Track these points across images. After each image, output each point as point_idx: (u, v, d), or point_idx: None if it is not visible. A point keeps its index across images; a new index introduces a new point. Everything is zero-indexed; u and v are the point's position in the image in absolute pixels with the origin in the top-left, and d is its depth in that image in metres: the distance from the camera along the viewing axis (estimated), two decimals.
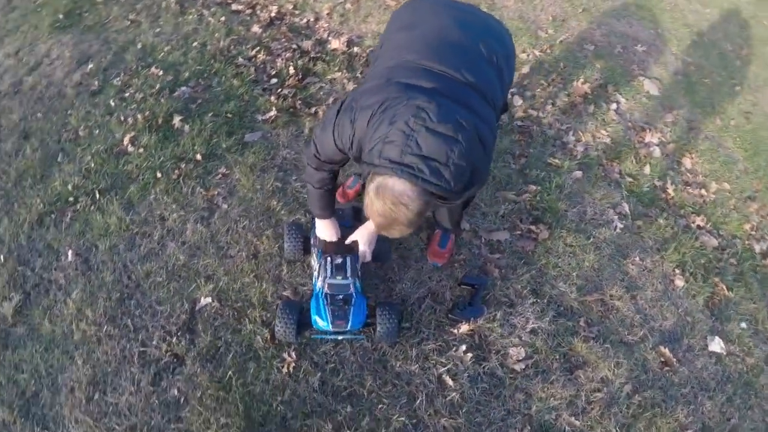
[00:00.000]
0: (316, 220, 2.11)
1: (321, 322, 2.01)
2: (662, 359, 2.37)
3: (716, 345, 2.51)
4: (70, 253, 2.38)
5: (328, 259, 2.09)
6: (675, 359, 2.37)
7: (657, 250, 2.74)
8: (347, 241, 2.12)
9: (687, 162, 3.25)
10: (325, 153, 1.70)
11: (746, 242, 3.02)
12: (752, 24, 4.74)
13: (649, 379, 2.29)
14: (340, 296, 2.03)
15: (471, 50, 1.64)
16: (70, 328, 2.17)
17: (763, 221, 3.22)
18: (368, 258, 2.13)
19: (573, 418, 2.10)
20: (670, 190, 3.04)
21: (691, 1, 4.63)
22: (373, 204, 1.44)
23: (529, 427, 2.05)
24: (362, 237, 2.08)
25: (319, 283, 2.07)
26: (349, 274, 2.08)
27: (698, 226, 2.95)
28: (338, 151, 1.64)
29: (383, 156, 1.37)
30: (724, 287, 2.72)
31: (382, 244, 2.18)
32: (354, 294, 2.03)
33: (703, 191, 3.15)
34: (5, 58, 3.31)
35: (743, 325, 2.64)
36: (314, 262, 2.17)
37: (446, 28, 1.69)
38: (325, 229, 2.11)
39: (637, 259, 2.66)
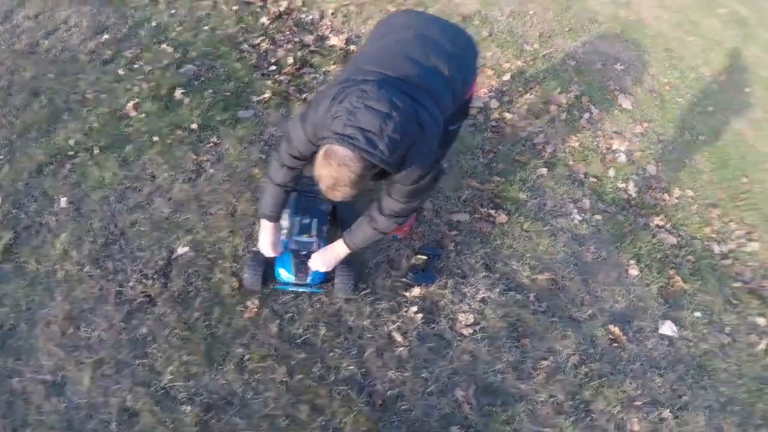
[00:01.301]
0: (261, 222, 2.24)
1: (285, 274, 2.25)
2: (611, 336, 2.54)
3: (667, 328, 2.67)
4: (63, 200, 2.56)
5: (297, 218, 2.35)
6: (624, 337, 2.55)
7: (613, 242, 2.93)
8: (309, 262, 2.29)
9: (652, 169, 3.45)
10: (295, 145, 1.92)
11: (705, 243, 3.19)
12: (734, 54, 4.97)
13: (597, 353, 2.46)
14: (304, 252, 2.28)
15: (421, 62, 1.86)
16: (54, 267, 2.33)
17: (724, 226, 3.39)
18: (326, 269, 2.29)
19: (519, 382, 2.28)
20: (632, 192, 3.24)
21: (675, 28, 4.88)
22: (321, 167, 1.65)
23: (474, 386, 2.22)
24: (325, 261, 2.25)
25: (286, 239, 2.31)
26: (314, 233, 2.34)
27: (657, 225, 3.13)
28: (306, 141, 1.85)
29: (331, 129, 1.61)
30: (680, 279, 2.89)
31: (346, 216, 2.42)
32: (317, 250, 2.27)
33: (665, 195, 3.34)
34: (24, 20, 3.50)
35: (697, 314, 2.80)
36: (284, 222, 2.41)
37: (404, 41, 1.93)
38: (265, 236, 2.24)
39: (593, 248, 2.85)
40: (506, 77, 3.76)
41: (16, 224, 2.47)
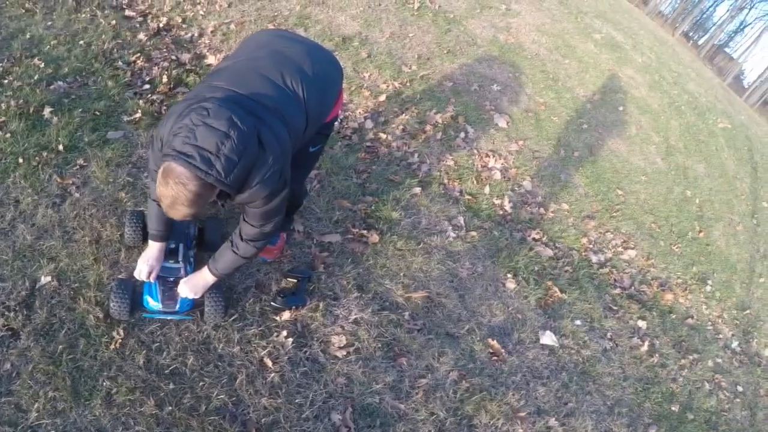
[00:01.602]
0: (149, 243, 2.33)
1: (152, 302, 2.28)
2: (491, 350, 2.72)
3: (548, 338, 2.91)
4: None
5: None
6: (504, 350, 2.73)
7: (489, 257, 3.17)
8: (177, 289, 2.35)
9: (527, 184, 3.80)
10: (152, 162, 1.99)
11: (583, 254, 3.54)
12: (607, 75, 5.65)
13: (477, 367, 2.62)
14: (171, 278, 2.33)
15: (273, 80, 1.95)
16: None
17: (600, 237, 3.79)
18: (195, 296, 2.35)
19: (397, 402, 2.39)
20: (508, 208, 3.55)
21: (552, 52, 5.47)
22: (160, 185, 1.69)
23: (351, 409, 2.30)
24: (191, 289, 2.32)
25: (145, 278, 2.33)
26: (180, 258, 2.39)
27: (534, 239, 3.44)
28: (158, 158, 1.86)
29: (170, 145, 1.69)
30: (557, 290, 3.17)
31: (212, 238, 2.50)
32: (184, 277, 2.32)
33: (541, 210, 3.68)
34: None
35: (578, 322, 3.07)
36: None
37: (259, 59, 2.04)
38: (148, 257, 2.31)
39: (468, 264, 3.07)
40: (382, 98, 4.00)
41: None
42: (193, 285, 2.30)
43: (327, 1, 4.90)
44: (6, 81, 3.24)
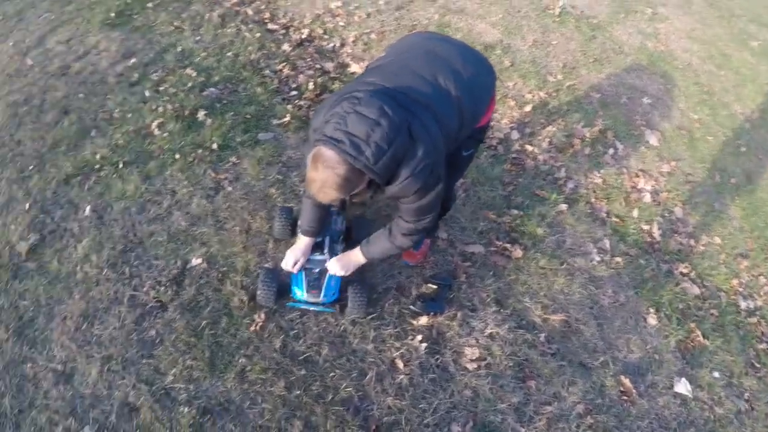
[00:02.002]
0: (299, 237, 2.44)
1: (298, 292, 2.40)
2: (622, 388, 2.54)
3: (682, 387, 2.66)
4: (88, 208, 2.83)
5: None
6: (635, 391, 2.54)
7: (633, 287, 2.96)
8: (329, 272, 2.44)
9: (678, 211, 3.50)
10: (308, 156, 2.02)
11: (732, 297, 3.19)
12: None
13: (605, 404, 2.47)
14: (317, 270, 2.42)
15: (425, 78, 1.91)
16: (75, 269, 2.59)
17: (752, 280, 3.40)
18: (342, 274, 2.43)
19: (518, 425, 2.31)
20: (656, 235, 3.28)
21: (705, 61, 4.96)
22: (310, 169, 1.74)
23: (472, 423, 2.26)
24: (339, 268, 2.40)
25: (290, 268, 2.44)
26: (326, 251, 2.48)
27: (681, 273, 3.16)
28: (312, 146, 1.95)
29: (321, 132, 1.70)
30: (700, 334, 2.88)
31: (362, 232, 2.52)
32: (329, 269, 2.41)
33: (691, 241, 3.37)
34: (57, 44, 3.90)
35: (716, 374, 2.78)
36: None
37: (412, 59, 2.00)
38: (296, 250, 2.42)
39: (610, 291, 2.89)
40: (528, 108, 3.86)
41: (42, 228, 2.76)
42: (344, 263, 2.39)
43: (466, 8, 4.81)
44: (162, 88, 3.60)
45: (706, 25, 5.61)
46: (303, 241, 2.43)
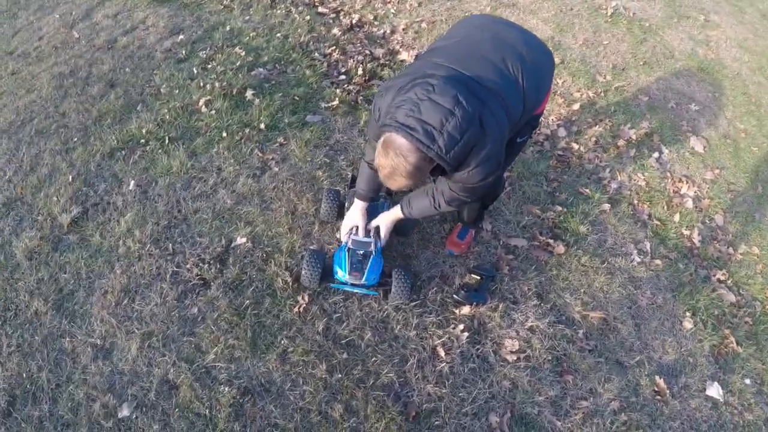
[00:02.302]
0: (355, 200, 2.46)
1: (340, 272, 2.40)
2: (655, 388, 2.55)
3: (714, 390, 2.66)
4: (132, 183, 2.83)
5: None
6: (669, 392, 2.55)
7: (671, 290, 2.95)
8: (371, 225, 2.48)
9: (719, 219, 3.47)
10: (373, 132, 2.01)
11: (767, 307, 3.18)
12: None
13: (639, 402, 2.48)
14: (361, 252, 2.43)
15: (495, 63, 1.89)
16: (117, 243, 2.59)
17: None
18: (384, 238, 2.47)
19: (555, 418, 2.33)
20: (696, 241, 3.26)
21: (756, 72, 4.86)
22: (380, 155, 1.73)
23: (509, 414, 2.29)
24: (382, 221, 2.44)
25: (345, 239, 2.46)
26: (372, 235, 2.48)
27: (718, 280, 3.14)
28: (376, 127, 1.93)
29: (393, 117, 1.68)
30: (734, 341, 2.87)
31: (406, 220, 2.54)
32: (373, 252, 2.41)
33: (730, 249, 3.34)
34: (103, 18, 3.94)
35: (747, 381, 2.77)
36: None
37: (480, 42, 1.97)
38: (355, 212, 2.46)
39: (649, 293, 2.89)
40: (576, 107, 3.83)
41: (85, 201, 2.75)
42: (384, 218, 2.40)
43: (518, 3, 4.77)
44: (210, 66, 3.59)
45: (758, 36, 5.48)
46: (359, 205, 2.44)
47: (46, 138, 3.05)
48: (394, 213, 2.38)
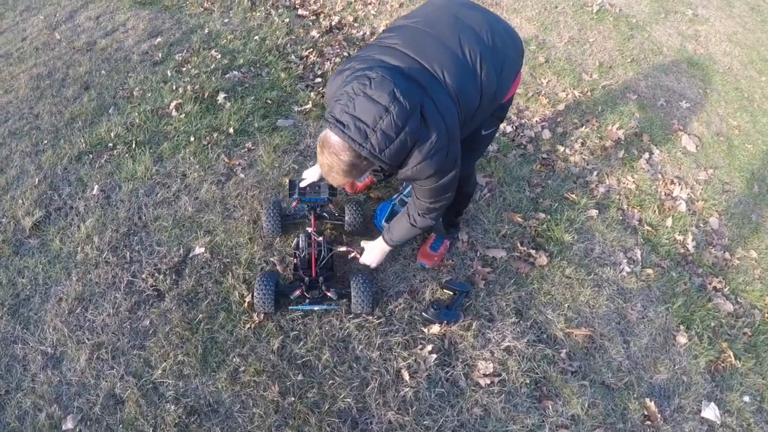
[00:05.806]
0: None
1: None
2: (645, 413, 2.11)
3: (711, 412, 2.20)
4: (96, 187, 2.56)
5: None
6: (660, 416, 2.10)
7: (663, 302, 2.48)
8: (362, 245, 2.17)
9: (714, 222, 2.96)
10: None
11: (766, 315, 2.68)
12: None
13: (626, 429, 2.04)
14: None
15: (449, 47, 1.60)
16: (75, 249, 2.32)
17: None
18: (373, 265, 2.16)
19: None
20: (690, 246, 2.76)
21: (747, 66, 4.31)
22: (318, 153, 1.54)
23: None
24: (368, 256, 2.13)
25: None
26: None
27: (714, 288, 2.65)
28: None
29: (330, 112, 1.44)
30: (732, 354, 2.41)
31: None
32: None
33: (726, 254, 2.84)
34: (86, 20, 3.66)
35: (746, 398, 2.32)
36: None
37: (437, 23, 1.67)
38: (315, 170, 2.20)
39: (639, 306, 2.42)
40: (561, 107, 3.36)
41: (49, 204, 2.51)
42: (374, 255, 2.11)
43: (501, 2, 4.29)
44: (185, 69, 3.30)
45: (748, 29, 4.90)
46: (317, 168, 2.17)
47: (18, 139, 2.81)
48: (380, 247, 2.07)
